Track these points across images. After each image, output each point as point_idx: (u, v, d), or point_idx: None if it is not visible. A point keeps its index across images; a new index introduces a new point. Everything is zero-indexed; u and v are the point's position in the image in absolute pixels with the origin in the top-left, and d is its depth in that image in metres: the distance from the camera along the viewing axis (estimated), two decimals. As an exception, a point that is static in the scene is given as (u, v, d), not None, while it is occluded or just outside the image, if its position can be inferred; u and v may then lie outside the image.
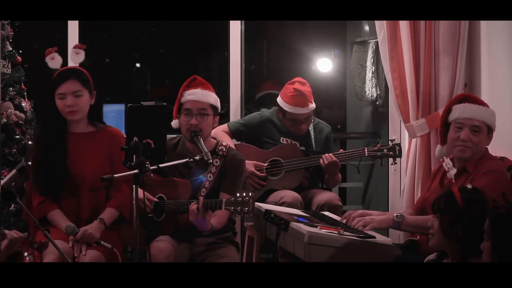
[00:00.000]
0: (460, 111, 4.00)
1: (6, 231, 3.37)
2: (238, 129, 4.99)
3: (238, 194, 3.89)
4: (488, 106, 4.06)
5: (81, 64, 4.27)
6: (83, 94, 4.08)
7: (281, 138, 4.96)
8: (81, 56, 4.24)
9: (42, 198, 4.05)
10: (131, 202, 4.05)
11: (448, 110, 4.06)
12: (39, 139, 4.18)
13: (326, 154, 4.78)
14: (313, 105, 4.90)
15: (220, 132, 4.89)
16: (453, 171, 3.88)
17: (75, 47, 4.29)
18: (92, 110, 4.16)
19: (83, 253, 3.91)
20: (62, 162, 4.06)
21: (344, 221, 4.08)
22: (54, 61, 4.21)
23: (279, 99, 4.94)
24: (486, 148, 4.04)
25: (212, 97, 4.27)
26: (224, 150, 4.27)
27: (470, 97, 4.10)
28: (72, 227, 3.90)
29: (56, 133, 4.11)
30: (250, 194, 3.87)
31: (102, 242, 3.91)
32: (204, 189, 4.20)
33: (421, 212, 4.09)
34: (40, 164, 4.07)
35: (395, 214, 3.91)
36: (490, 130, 4.01)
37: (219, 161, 4.24)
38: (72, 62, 4.26)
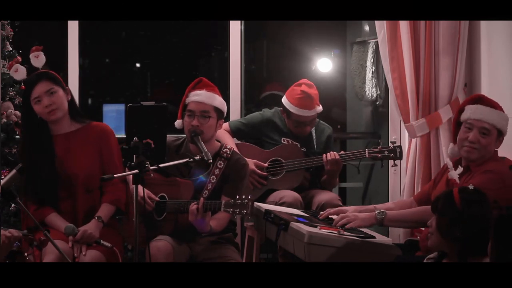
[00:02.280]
0: (471, 111, 3.97)
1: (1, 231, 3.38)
2: (239, 128, 4.99)
3: (237, 196, 3.89)
4: (502, 110, 4.02)
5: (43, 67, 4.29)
6: (57, 91, 4.08)
7: (282, 138, 4.96)
8: (42, 58, 4.26)
9: (37, 205, 4.05)
10: (129, 198, 4.07)
11: (461, 110, 4.05)
12: (23, 148, 4.16)
13: (330, 152, 4.77)
14: (320, 108, 4.89)
15: (221, 131, 4.90)
16: (454, 172, 3.88)
17: (33, 51, 4.30)
18: (71, 106, 4.16)
19: (83, 253, 3.91)
20: (51, 166, 4.06)
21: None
22: (18, 73, 4.25)
23: (284, 100, 4.92)
24: (496, 151, 4.00)
25: (217, 100, 4.26)
26: (229, 153, 4.28)
27: (484, 99, 4.05)
28: (72, 227, 3.90)
29: (40, 139, 4.10)
30: (249, 196, 3.87)
31: (102, 241, 3.91)
32: (206, 191, 4.20)
33: (420, 204, 4.10)
34: (29, 173, 4.02)
35: (377, 211, 3.92)
36: (500, 133, 3.96)
37: (222, 163, 4.25)
38: (36, 67, 4.25)
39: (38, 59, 4.25)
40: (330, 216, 4.19)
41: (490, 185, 3.69)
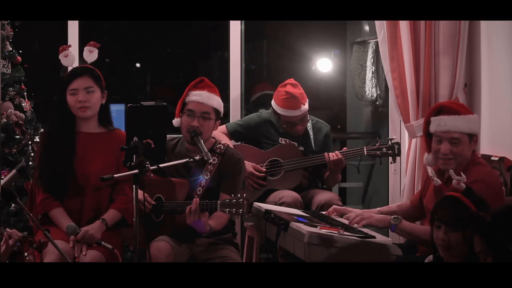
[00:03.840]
0: (436, 124, 3.90)
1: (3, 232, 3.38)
2: (236, 130, 4.99)
3: (233, 195, 3.89)
4: (467, 112, 3.93)
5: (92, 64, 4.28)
6: (95, 91, 4.10)
7: (280, 138, 4.96)
8: (95, 55, 4.23)
9: (46, 195, 4.05)
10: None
11: (428, 121, 3.97)
12: (47, 136, 4.17)
13: (332, 153, 4.78)
14: (305, 107, 4.89)
15: (218, 134, 4.90)
16: (437, 179, 3.81)
17: (89, 45, 4.28)
18: (102, 110, 4.17)
19: (84, 253, 3.91)
20: (69, 161, 4.06)
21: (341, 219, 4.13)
22: (67, 58, 4.22)
23: (273, 102, 4.95)
24: (474, 152, 3.93)
25: (216, 101, 4.25)
26: (222, 148, 4.27)
27: (444, 107, 3.95)
28: (73, 227, 3.89)
29: (66, 131, 4.11)
30: (244, 195, 3.86)
31: (103, 242, 3.91)
32: (200, 188, 4.19)
33: (417, 210, 4.09)
34: (47, 161, 4.06)
35: (392, 216, 3.91)
36: (472, 137, 3.89)
37: (216, 159, 4.24)
38: (87, 61, 4.24)
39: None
40: (334, 217, 4.19)
41: (481, 195, 3.58)
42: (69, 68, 4.38)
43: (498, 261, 2.85)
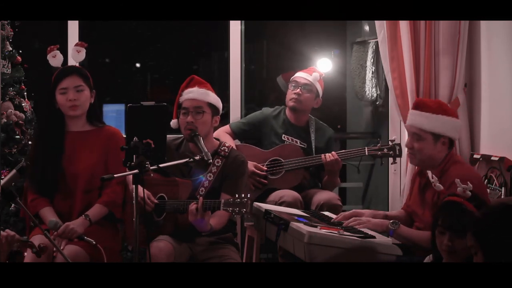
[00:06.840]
0: (408, 118, 4.04)
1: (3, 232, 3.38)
2: (240, 129, 5.00)
3: (236, 195, 3.89)
4: (445, 113, 3.95)
5: (80, 63, 4.31)
6: (84, 90, 4.13)
7: (283, 135, 4.97)
8: (82, 54, 4.27)
9: (36, 195, 4.07)
10: (126, 201, 4.07)
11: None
12: (37, 137, 4.20)
13: (329, 153, 4.79)
14: (316, 76, 4.97)
15: (222, 133, 4.90)
16: (439, 186, 3.79)
17: (77, 45, 4.31)
18: (91, 109, 4.19)
19: (61, 248, 3.88)
20: (58, 161, 4.08)
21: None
22: (55, 59, 4.24)
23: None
24: (451, 152, 3.95)
25: (210, 96, 4.26)
26: (227, 150, 4.27)
27: (420, 103, 4.03)
28: (55, 222, 3.87)
29: (55, 131, 4.14)
30: (248, 195, 3.87)
31: (85, 237, 3.86)
32: (203, 188, 4.19)
33: (409, 217, 4.09)
34: (36, 162, 4.09)
35: (391, 221, 3.91)
36: (438, 137, 3.91)
37: (220, 161, 4.24)
38: (73, 60, 4.28)
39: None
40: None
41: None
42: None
43: (489, 257, 2.84)
